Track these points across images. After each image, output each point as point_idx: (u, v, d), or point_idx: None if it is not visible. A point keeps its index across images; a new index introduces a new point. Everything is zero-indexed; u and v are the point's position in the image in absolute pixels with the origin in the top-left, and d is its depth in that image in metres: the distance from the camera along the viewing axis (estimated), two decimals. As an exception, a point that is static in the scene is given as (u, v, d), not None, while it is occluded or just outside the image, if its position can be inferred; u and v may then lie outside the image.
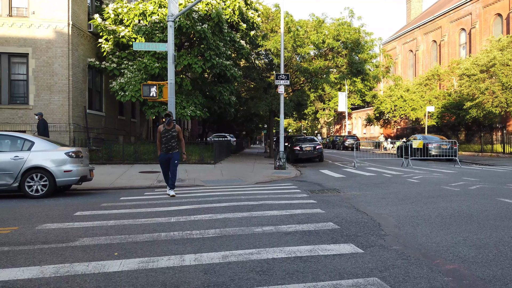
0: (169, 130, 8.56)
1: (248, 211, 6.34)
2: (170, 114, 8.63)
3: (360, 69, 21.81)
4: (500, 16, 36.86)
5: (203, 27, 16.24)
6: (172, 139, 8.57)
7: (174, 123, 8.78)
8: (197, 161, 18.30)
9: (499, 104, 23.23)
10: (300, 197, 8.14)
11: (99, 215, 6.31)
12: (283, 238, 4.57)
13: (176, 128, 8.68)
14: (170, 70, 12.48)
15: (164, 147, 8.59)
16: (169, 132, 8.54)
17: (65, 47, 17.27)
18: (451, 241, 4.33)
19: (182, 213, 6.32)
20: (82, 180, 9.64)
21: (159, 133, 8.61)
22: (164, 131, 8.54)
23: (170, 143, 8.56)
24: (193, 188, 10.90)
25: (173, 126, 8.66)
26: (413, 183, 10.44)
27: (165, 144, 8.56)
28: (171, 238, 4.66)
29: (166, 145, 8.55)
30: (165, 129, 8.55)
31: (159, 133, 8.61)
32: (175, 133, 8.62)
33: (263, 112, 24.39)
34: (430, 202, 7.07)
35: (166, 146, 8.56)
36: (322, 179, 12.42)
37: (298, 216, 5.90)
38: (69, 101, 17.29)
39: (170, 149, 8.59)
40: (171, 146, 8.58)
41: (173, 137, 8.59)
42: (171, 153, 8.62)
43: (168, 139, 8.54)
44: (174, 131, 8.61)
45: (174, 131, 8.62)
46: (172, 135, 8.57)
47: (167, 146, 8.56)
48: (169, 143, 8.55)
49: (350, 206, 6.77)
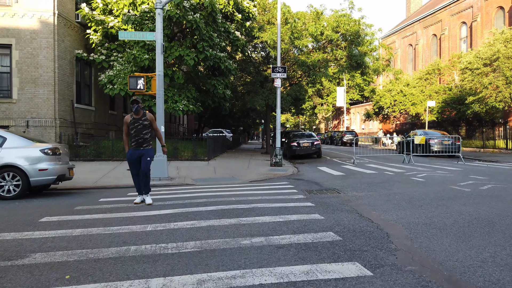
0: (138, 120, 7.01)
1: (237, 217, 5.59)
2: (137, 100, 6.96)
3: (360, 62, 21.01)
4: (502, 9, 36.06)
5: (195, 17, 15.39)
6: (143, 130, 7.01)
7: (144, 111, 7.19)
8: (190, 157, 17.54)
9: (503, 99, 22.49)
10: (296, 198, 7.39)
11: (67, 222, 5.54)
12: (274, 253, 3.82)
13: (147, 116, 7.10)
14: (158, 61, 11.68)
15: (134, 141, 7.03)
16: (139, 122, 6.99)
17: (51, 38, 16.40)
18: (477, 258, 3.60)
19: (161, 219, 5.57)
20: (59, 180, 8.86)
21: (126, 124, 7.06)
22: (132, 121, 7.01)
23: (141, 136, 7.01)
24: (182, 187, 10.14)
25: (143, 114, 7.09)
26: (418, 182, 9.71)
27: (135, 138, 7.00)
28: (141, 253, 3.90)
29: (136, 138, 7.00)
30: (133, 118, 7.01)
31: (126, 124, 7.06)
32: (146, 122, 7.05)
33: (260, 106, 23.59)
34: (441, 205, 6.33)
35: (136, 139, 7.00)
36: (320, 177, 11.68)
37: (294, 223, 5.15)
38: (55, 94, 16.45)
39: (141, 143, 7.03)
40: (142, 139, 7.03)
41: (145, 127, 7.03)
42: (143, 149, 7.07)
43: (139, 131, 6.99)
44: (145, 120, 7.04)
45: (145, 119, 7.05)
46: (143, 124, 7.02)
47: (138, 140, 7.01)
48: (140, 135, 7.00)
49: (352, 211, 6.03)
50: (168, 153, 16.86)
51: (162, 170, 11.52)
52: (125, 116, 7.16)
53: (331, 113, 65.49)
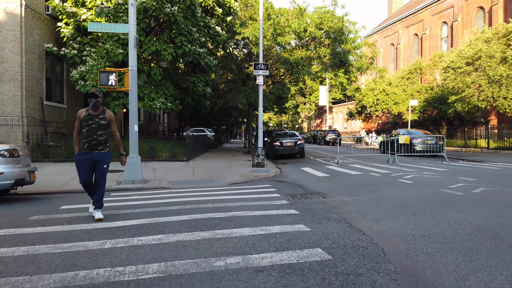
0: (95, 117, 5.72)
1: (212, 229, 4.92)
2: (96, 94, 5.69)
3: (344, 59, 20.56)
4: (483, 9, 36.40)
5: (172, 10, 14.59)
6: (98, 131, 5.72)
7: (104, 108, 5.93)
8: (168, 158, 16.74)
9: (486, 98, 22.46)
10: (279, 205, 6.78)
11: (13, 237, 4.77)
12: (253, 279, 3.18)
13: (106, 114, 5.85)
14: (131, 55, 10.87)
15: (86, 142, 5.72)
16: (94, 120, 5.71)
17: (17, 31, 15.31)
18: (492, 283, 3.05)
19: (125, 233, 4.85)
20: (18, 184, 7.99)
21: (78, 120, 5.78)
22: (87, 118, 5.71)
23: (95, 137, 5.71)
24: (156, 191, 9.40)
25: (102, 111, 5.83)
26: (406, 184, 9.24)
27: (87, 138, 5.70)
28: (90, 281, 3.20)
29: (88, 139, 5.70)
30: (89, 114, 5.73)
31: (78, 120, 5.78)
32: (104, 122, 5.77)
33: (242, 105, 22.93)
34: (436, 212, 5.82)
35: (89, 140, 5.70)
36: (304, 178, 11.11)
37: (276, 237, 4.52)
38: (22, 91, 15.38)
39: (95, 145, 5.73)
40: (96, 141, 5.72)
41: (100, 127, 5.74)
42: (98, 153, 5.76)
43: (92, 130, 5.70)
44: (103, 119, 5.78)
45: (103, 118, 5.78)
46: (99, 124, 5.73)
47: (90, 141, 5.70)
48: (93, 136, 5.70)
49: (340, 219, 5.44)
50: (145, 153, 16.04)
51: (136, 173, 10.73)
52: (79, 110, 5.89)
53: (313, 112, 65.39)
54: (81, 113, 5.81)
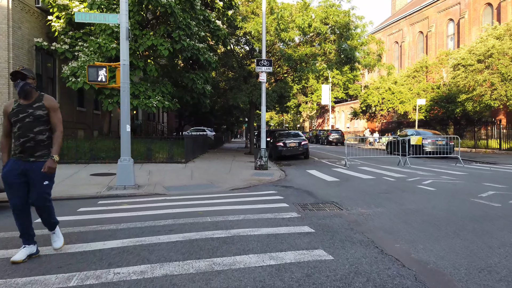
0: (28, 107, 3.92)
1: (210, 257, 3.94)
2: (24, 73, 3.89)
3: (350, 56, 19.57)
4: (491, 5, 35.36)
5: (169, 1, 13.61)
6: (35, 126, 3.91)
7: (41, 93, 4.06)
8: (166, 159, 15.75)
9: (499, 97, 21.45)
10: (289, 218, 5.79)
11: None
12: None
13: (44, 101, 3.98)
14: (123, 48, 9.88)
15: (19, 145, 3.89)
16: (28, 111, 3.90)
17: (4, 24, 14.35)
18: None
19: (100, 261, 3.87)
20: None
21: (6, 116, 4.00)
22: (16, 111, 3.91)
23: (33, 136, 3.90)
24: (149, 198, 8.42)
25: (38, 97, 4.00)
26: (428, 192, 8.26)
27: (22, 139, 3.87)
28: None
29: (23, 139, 3.87)
30: (18, 105, 3.94)
31: (6, 116, 4.00)
32: (42, 112, 3.94)
33: (243, 104, 21.94)
34: (480, 232, 4.83)
35: (23, 142, 3.87)
36: (312, 183, 10.13)
37: (292, 269, 3.54)
38: (10, 88, 14.42)
39: (33, 149, 3.90)
40: (35, 141, 3.91)
41: (38, 121, 3.93)
42: (35, 161, 3.90)
43: (27, 127, 3.88)
44: (40, 108, 3.94)
45: (40, 107, 3.94)
46: (36, 115, 3.91)
47: (25, 143, 3.88)
48: (30, 134, 3.89)
49: (367, 242, 4.46)
50: (141, 154, 15.08)
51: (128, 177, 9.75)
52: (5, 104, 4.17)
53: (315, 112, 64.43)
54: (8, 106, 3.99)
